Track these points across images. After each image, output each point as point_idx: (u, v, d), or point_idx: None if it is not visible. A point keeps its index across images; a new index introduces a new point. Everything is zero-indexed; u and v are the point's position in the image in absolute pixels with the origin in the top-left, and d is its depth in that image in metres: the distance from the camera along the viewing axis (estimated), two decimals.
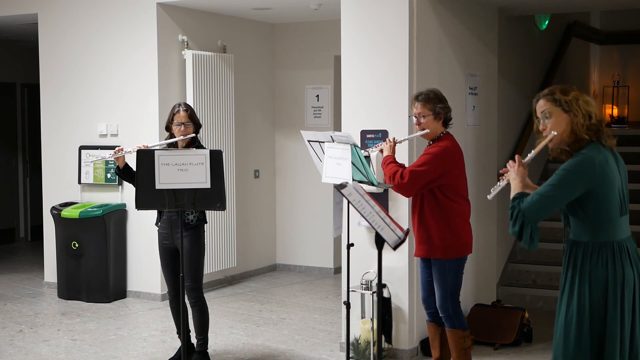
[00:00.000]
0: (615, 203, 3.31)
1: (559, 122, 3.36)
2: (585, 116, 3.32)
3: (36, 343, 6.15)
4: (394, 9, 5.60)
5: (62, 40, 7.94)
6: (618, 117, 11.58)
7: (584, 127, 3.32)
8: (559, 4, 7.61)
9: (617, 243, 3.32)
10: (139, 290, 7.58)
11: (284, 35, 8.89)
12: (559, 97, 3.37)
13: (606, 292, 3.28)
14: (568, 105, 3.34)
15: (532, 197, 3.32)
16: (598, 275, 3.29)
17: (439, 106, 4.76)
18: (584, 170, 3.26)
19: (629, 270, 3.31)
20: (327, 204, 8.45)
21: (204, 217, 5.34)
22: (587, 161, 3.27)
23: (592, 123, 3.33)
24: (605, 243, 3.32)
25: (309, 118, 8.78)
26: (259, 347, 6.02)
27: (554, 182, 3.29)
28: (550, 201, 3.30)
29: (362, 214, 4.09)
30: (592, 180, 3.26)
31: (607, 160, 3.31)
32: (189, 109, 5.31)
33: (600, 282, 3.29)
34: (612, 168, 3.31)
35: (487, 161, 6.86)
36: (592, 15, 11.27)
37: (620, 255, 3.30)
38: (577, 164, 3.28)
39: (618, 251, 3.31)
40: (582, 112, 3.33)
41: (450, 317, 4.82)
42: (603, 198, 3.29)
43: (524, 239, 3.34)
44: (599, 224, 3.32)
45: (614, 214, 3.32)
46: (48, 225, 7.99)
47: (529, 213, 3.31)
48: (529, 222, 3.32)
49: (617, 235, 3.33)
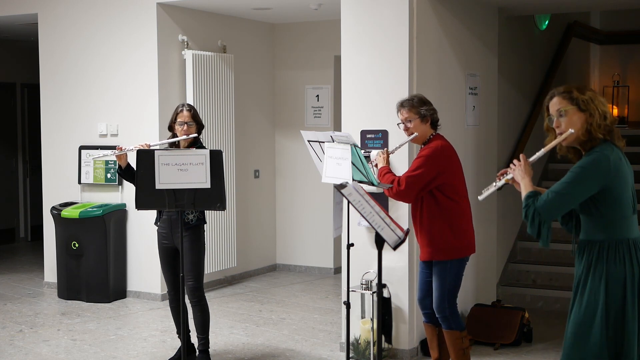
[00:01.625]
0: (629, 201, 3.33)
1: (575, 120, 3.35)
2: (601, 116, 3.34)
3: (36, 343, 6.15)
4: (394, 9, 5.60)
5: (62, 40, 7.94)
6: (618, 117, 11.58)
7: (600, 127, 3.33)
8: (559, 4, 7.61)
9: (632, 241, 3.33)
10: (139, 290, 7.58)
11: (284, 35, 8.89)
12: (577, 95, 3.36)
13: (624, 290, 3.28)
14: (585, 104, 3.34)
15: (548, 195, 3.32)
16: (615, 273, 3.28)
17: (424, 109, 4.78)
18: (600, 168, 3.27)
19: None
20: (327, 204, 8.45)
21: (203, 217, 5.34)
22: (603, 159, 3.28)
23: (606, 123, 3.35)
24: (621, 240, 3.31)
25: (309, 118, 8.78)
26: (259, 347, 6.02)
27: (569, 180, 3.29)
28: (566, 199, 3.30)
29: (362, 214, 4.10)
30: (608, 177, 3.27)
31: (621, 158, 3.34)
32: (192, 109, 5.33)
33: (617, 280, 3.28)
34: (625, 167, 3.34)
35: (487, 161, 6.86)
36: (592, 15, 11.27)
37: (636, 253, 3.31)
38: (593, 161, 3.28)
39: (634, 249, 3.31)
40: (598, 111, 3.34)
41: (447, 318, 4.82)
42: (617, 195, 3.30)
43: (542, 239, 3.34)
44: (614, 221, 3.32)
45: (628, 211, 3.33)
46: (48, 225, 7.99)
47: (544, 211, 3.31)
48: (545, 220, 3.32)
49: (632, 233, 3.34)
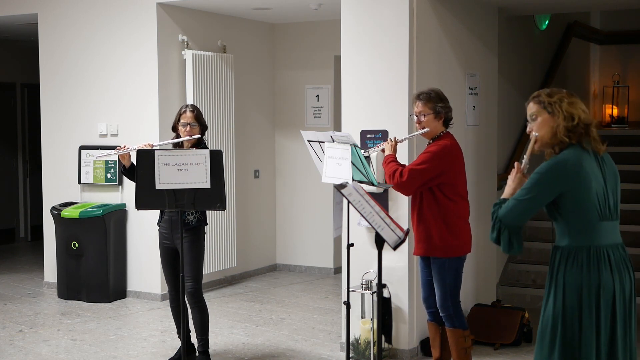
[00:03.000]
0: (592, 207, 3.25)
1: (543, 124, 3.35)
2: (567, 118, 3.30)
3: (36, 343, 6.15)
4: (394, 9, 5.60)
5: (62, 40, 7.94)
6: (618, 117, 11.58)
7: (565, 129, 3.29)
8: (559, 4, 7.61)
9: (594, 248, 3.25)
10: (139, 290, 7.58)
11: (284, 35, 8.89)
12: (544, 99, 3.36)
13: (580, 298, 3.23)
14: (551, 106, 3.33)
15: (509, 203, 3.33)
16: (572, 281, 3.25)
17: (440, 105, 4.78)
18: (555, 174, 3.24)
19: (607, 276, 3.23)
20: (327, 204, 8.45)
21: (204, 218, 5.34)
22: (559, 164, 3.25)
23: (574, 125, 3.29)
24: (581, 247, 3.26)
25: (309, 118, 8.78)
26: (259, 347, 6.02)
27: (527, 186, 3.29)
28: (525, 205, 3.29)
29: (362, 214, 4.09)
30: (565, 183, 3.23)
31: (582, 163, 3.25)
32: (196, 110, 5.34)
33: (573, 288, 3.24)
34: (587, 172, 3.25)
35: (487, 161, 6.86)
36: (592, 15, 11.28)
37: (597, 261, 3.23)
38: (549, 167, 3.26)
39: (595, 257, 3.24)
40: (563, 114, 3.30)
41: (451, 317, 4.83)
42: (577, 202, 3.24)
43: (502, 245, 3.35)
44: (576, 228, 3.28)
45: (592, 218, 3.25)
46: (48, 225, 7.99)
47: (505, 218, 3.33)
48: (505, 227, 3.33)
49: (596, 241, 3.26)
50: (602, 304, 3.23)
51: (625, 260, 3.32)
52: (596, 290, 3.23)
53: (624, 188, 8.64)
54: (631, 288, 3.32)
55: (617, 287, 3.25)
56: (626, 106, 11.68)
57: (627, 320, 3.30)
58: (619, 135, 9.76)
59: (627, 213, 8.00)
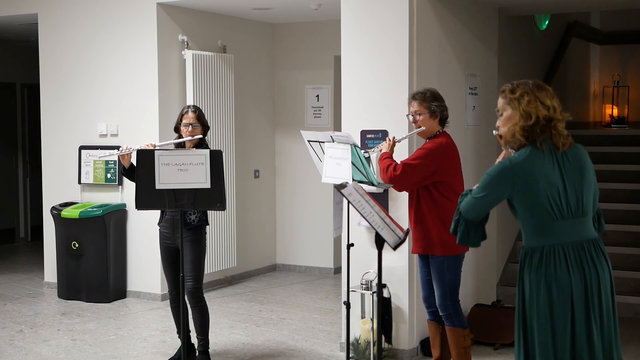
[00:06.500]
0: (542, 209, 3.18)
1: (507, 120, 3.28)
2: (524, 117, 3.20)
3: (36, 343, 6.15)
4: (394, 9, 5.60)
5: (62, 40, 7.95)
6: (618, 117, 11.59)
7: (521, 129, 3.20)
8: (559, 4, 7.61)
9: (547, 248, 3.20)
10: (139, 290, 7.58)
11: (284, 35, 8.89)
12: (507, 94, 3.28)
13: (538, 297, 3.19)
14: (512, 103, 3.24)
15: (467, 198, 3.35)
16: (530, 280, 3.22)
17: (435, 104, 4.80)
18: (501, 179, 3.23)
19: (562, 274, 3.16)
20: (327, 204, 8.45)
21: (205, 217, 5.34)
22: (505, 170, 3.21)
23: (531, 125, 3.19)
24: (535, 248, 3.24)
25: (309, 118, 8.78)
26: (259, 347, 6.02)
27: (481, 185, 3.30)
28: (480, 202, 3.30)
29: (362, 214, 4.10)
30: (511, 188, 3.21)
31: (529, 167, 3.17)
32: (198, 111, 5.34)
33: (533, 286, 3.21)
34: (534, 175, 3.17)
35: (486, 161, 6.86)
36: (592, 15, 11.29)
37: (551, 260, 3.17)
38: (497, 171, 3.25)
39: (548, 256, 3.18)
40: (520, 111, 3.21)
41: (450, 316, 4.83)
42: (525, 205, 3.21)
43: (459, 237, 3.38)
44: (529, 228, 3.26)
45: (544, 219, 3.20)
46: (48, 225, 7.99)
47: (464, 211, 3.35)
48: (464, 220, 3.34)
49: (550, 240, 3.20)
50: (555, 301, 3.17)
51: (592, 255, 3.21)
52: (549, 288, 3.18)
53: (624, 188, 8.66)
54: (606, 283, 3.21)
55: (575, 283, 3.16)
56: (626, 106, 11.70)
57: (594, 316, 3.17)
58: (619, 135, 9.76)
59: (627, 213, 8.01)
